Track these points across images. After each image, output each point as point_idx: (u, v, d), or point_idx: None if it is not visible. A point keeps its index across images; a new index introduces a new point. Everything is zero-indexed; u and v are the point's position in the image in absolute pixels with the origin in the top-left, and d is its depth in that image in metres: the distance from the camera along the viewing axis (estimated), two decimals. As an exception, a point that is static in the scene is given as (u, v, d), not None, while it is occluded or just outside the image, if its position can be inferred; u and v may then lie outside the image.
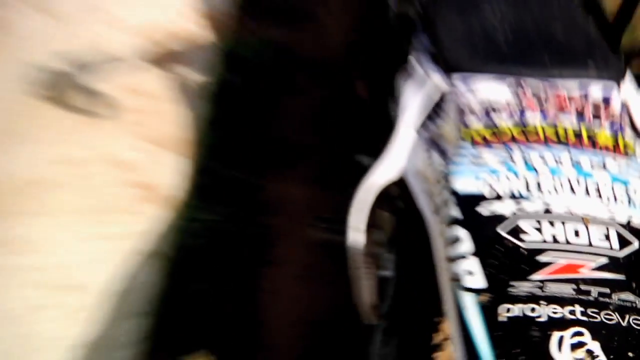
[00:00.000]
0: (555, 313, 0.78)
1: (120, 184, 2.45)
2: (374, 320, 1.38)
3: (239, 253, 2.26)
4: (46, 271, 2.21)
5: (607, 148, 0.94)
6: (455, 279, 0.84)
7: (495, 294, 0.81)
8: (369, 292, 1.31)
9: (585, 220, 0.86)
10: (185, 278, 2.20)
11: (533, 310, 0.78)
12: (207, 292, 2.16)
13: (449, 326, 0.87)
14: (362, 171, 1.84)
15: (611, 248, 0.84)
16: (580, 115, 0.98)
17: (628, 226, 0.86)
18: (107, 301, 2.14)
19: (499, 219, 0.87)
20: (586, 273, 0.82)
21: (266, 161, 2.53)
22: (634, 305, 0.79)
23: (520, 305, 0.79)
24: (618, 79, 1.04)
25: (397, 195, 1.21)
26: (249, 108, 2.70)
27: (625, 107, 1.01)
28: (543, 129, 0.96)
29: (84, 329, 2.08)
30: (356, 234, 1.16)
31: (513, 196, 0.89)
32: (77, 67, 2.79)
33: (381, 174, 1.12)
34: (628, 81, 1.05)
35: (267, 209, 2.39)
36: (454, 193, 0.91)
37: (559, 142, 0.95)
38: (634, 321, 0.78)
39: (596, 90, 1.02)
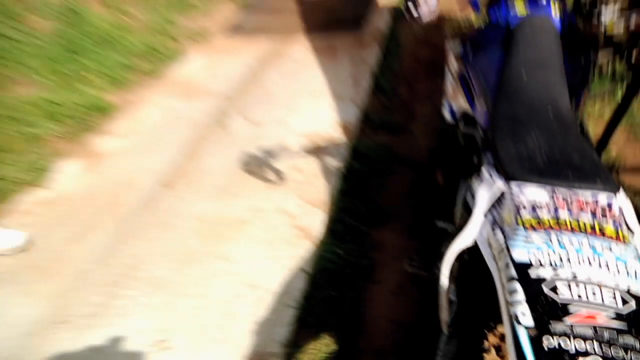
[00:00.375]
0: (580, 346, 0.74)
1: (287, 226, 2.47)
2: (445, 328, 1.35)
3: (354, 274, 2.24)
4: (242, 275, 2.25)
5: (611, 237, 0.90)
6: (513, 317, 0.81)
7: (540, 330, 0.77)
8: (445, 310, 1.28)
9: (599, 285, 0.83)
10: (320, 287, 2.19)
11: (566, 343, 0.75)
12: (332, 297, 2.14)
13: (506, 348, 0.85)
14: (437, 230, 1.82)
15: (617, 305, 0.80)
16: (594, 214, 0.94)
17: (628, 291, 0.82)
18: (275, 296, 2.15)
19: (542, 280, 0.84)
20: (600, 321, 0.78)
21: (374, 217, 2.51)
22: (634, 346, 0.75)
23: (557, 339, 0.75)
24: (615, 191, 1.00)
25: (464, 251, 1.18)
26: (366, 184, 2.70)
27: (621, 210, 0.97)
28: (570, 221, 0.93)
29: (261, 312, 2.10)
30: (444, 279, 1.14)
31: (551, 265, 0.86)
32: (266, 153, 2.88)
33: (461, 242, 1.09)
34: (621, 192, 1.02)
35: (373, 248, 2.36)
36: (512, 260, 0.89)
37: (581, 231, 0.91)
38: (634, 356, 0.74)
39: (602, 198, 0.98)
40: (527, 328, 0.80)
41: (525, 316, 0.81)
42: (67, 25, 4.37)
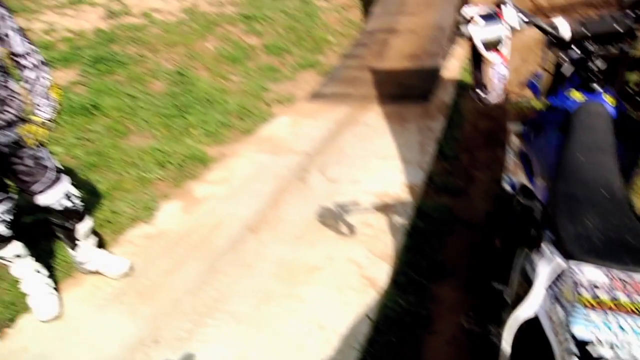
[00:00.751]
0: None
1: (355, 275, 2.49)
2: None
3: (413, 323, 2.22)
4: (313, 315, 2.27)
5: None
6: None
7: None
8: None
9: None
10: (382, 332, 2.17)
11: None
12: (392, 342, 2.12)
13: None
14: (493, 290, 1.80)
15: None
16: None
17: None
18: (341, 337, 2.15)
19: (602, 358, 0.82)
20: None
21: (434, 272, 2.48)
22: None
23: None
24: None
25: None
26: (428, 241, 2.67)
27: None
28: (627, 304, 0.90)
29: (328, 351, 2.10)
30: (506, 345, 1.12)
31: (610, 345, 0.84)
32: (340, 207, 2.94)
33: (523, 312, 1.08)
34: None
35: (431, 300, 2.34)
36: (572, 336, 0.87)
37: (639, 314, 0.88)
38: None
39: None
40: None
41: None
42: (176, 86, 4.72)
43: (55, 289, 2.48)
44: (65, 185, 2.32)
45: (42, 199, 2.25)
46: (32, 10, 5.95)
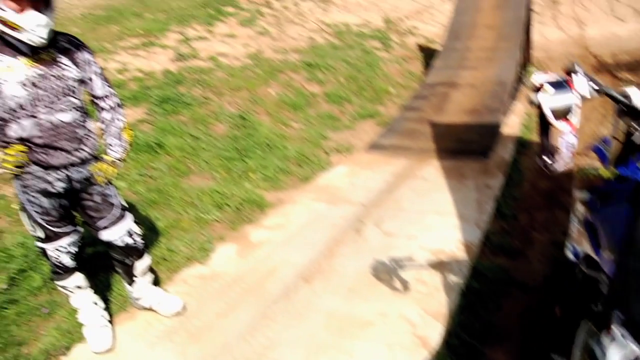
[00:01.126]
0: None
1: (407, 333, 2.47)
2: None
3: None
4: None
5: None
6: None
7: None
8: None
9: None
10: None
11: None
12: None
13: None
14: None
15: None
16: None
17: None
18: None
19: None
20: None
21: (488, 335, 2.43)
22: None
23: None
24: None
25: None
26: (483, 303, 2.64)
27: None
28: None
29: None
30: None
31: None
32: (394, 262, 2.95)
33: None
34: None
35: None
36: None
37: None
38: None
39: None
40: None
41: None
42: (238, 130, 4.94)
43: (110, 321, 2.59)
44: (128, 222, 2.46)
45: (105, 235, 2.39)
46: (109, 51, 6.44)
